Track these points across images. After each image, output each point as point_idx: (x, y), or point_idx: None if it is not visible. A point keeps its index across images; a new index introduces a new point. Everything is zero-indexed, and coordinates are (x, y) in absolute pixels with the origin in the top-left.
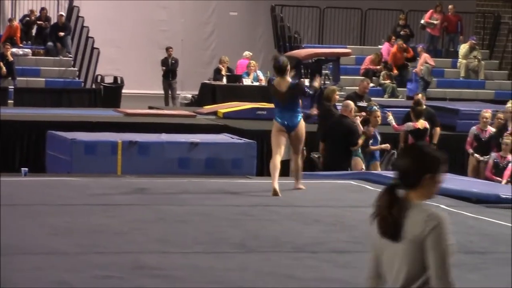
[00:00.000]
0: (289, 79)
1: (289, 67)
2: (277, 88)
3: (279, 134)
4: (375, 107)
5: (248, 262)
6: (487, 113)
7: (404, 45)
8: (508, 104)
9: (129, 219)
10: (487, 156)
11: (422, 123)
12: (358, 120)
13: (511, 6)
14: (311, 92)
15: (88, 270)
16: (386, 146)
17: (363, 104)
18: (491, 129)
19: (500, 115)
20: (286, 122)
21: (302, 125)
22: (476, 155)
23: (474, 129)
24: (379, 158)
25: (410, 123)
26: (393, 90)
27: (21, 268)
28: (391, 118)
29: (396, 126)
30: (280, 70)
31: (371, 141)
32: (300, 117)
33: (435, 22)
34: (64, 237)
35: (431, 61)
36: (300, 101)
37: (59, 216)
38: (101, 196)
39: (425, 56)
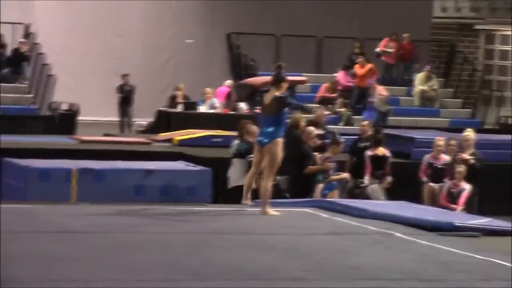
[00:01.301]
0: (277, 93)
1: (284, 84)
2: (263, 100)
3: (256, 151)
4: (341, 138)
5: None
6: (440, 141)
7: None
8: (466, 132)
9: (84, 247)
10: (440, 184)
11: (381, 150)
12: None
13: (466, 35)
14: (294, 102)
15: None
16: (346, 176)
17: (319, 131)
18: (445, 157)
19: (453, 142)
20: (260, 138)
21: (275, 144)
22: (430, 183)
23: (427, 157)
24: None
25: (367, 150)
26: (349, 118)
27: None
28: None
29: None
30: (274, 82)
31: (330, 171)
32: (277, 135)
33: (390, 50)
34: (17, 264)
35: (384, 92)
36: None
37: (11, 243)
38: (55, 223)
39: (377, 88)
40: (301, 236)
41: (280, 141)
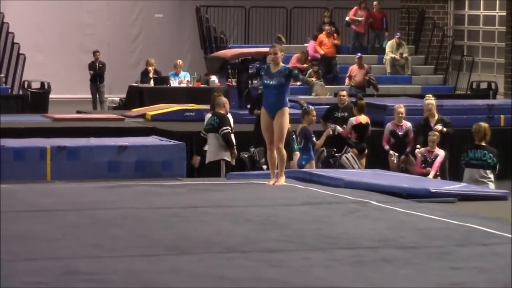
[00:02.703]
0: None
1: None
2: (268, 72)
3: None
4: (311, 106)
5: (180, 264)
6: (401, 108)
7: (333, 30)
8: (427, 100)
9: (60, 225)
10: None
11: (363, 118)
12: None
13: (435, 1)
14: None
15: (19, 277)
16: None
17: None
18: (407, 124)
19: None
20: (268, 109)
21: (283, 113)
22: (391, 152)
23: (389, 126)
24: (313, 156)
25: (352, 118)
26: (321, 87)
27: None
28: (338, 128)
29: (344, 131)
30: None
31: (313, 139)
32: (284, 105)
33: (359, 19)
34: None
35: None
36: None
37: None
38: (31, 202)
39: None
40: (277, 207)
41: (287, 109)
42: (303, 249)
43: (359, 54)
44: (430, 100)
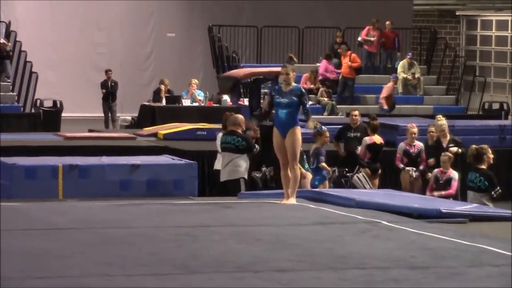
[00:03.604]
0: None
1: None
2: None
3: (277, 142)
4: (323, 127)
5: (191, 283)
6: (414, 128)
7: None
8: (439, 122)
9: (71, 243)
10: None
11: (378, 138)
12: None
13: (447, 22)
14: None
15: None
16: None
17: None
18: (419, 144)
19: (432, 129)
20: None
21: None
22: (407, 168)
23: (402, 145)
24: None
25: (366, 138)
26: (333, 107)
27: None
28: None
29: (360, 152)
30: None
31: (321, 159)
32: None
33: (372, 39)
34: (5, 262)
35: None
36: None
37: None
38: (42, 220)
39: None
40: (288, 226)
41: (299, 128)
42: (314, 269)
43: (395, 75)
44: (442, 120)
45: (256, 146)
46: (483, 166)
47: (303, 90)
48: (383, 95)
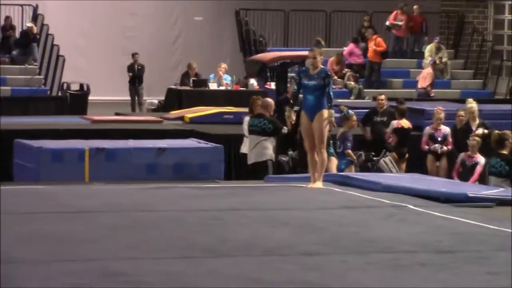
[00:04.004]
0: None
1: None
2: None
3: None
4: (350, 111)
5: (218, 267)
6: (440, 113)
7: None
8: (469, 104)
9: (98, 226)
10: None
11: (406, 122)
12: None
13: (475, 6)
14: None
15: (57, 278)
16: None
17: None
18: (445, 128)
19: (461, 113)
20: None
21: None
22: (434, 145)
23: (428, 129)
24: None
25: (394, 122)
26: (360, 91)
27: None
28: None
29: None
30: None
31: (348, 144)
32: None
33: (400, 23)
34: (32, 246)
35: None
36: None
37: (26, 224)
38: (69, 204)
39: None
40: (315, 210)
41: (326, 111)
42: (340, 252)
43: (432, 59)
44: (473, 104)
45: (284, 127)
46: (505, 152)
47: (329, 73)
48: (429, 82)
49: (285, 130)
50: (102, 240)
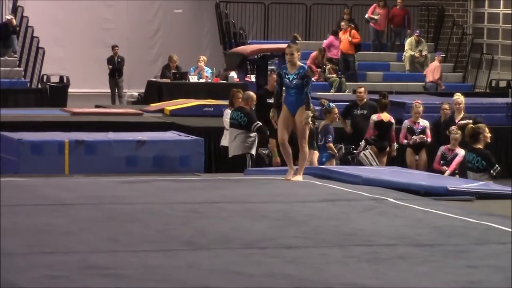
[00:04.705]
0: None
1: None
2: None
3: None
4: (331, 104)
5: (197, 260)
6: (419, 107)
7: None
8: (456, 96)
9: (77, 219)
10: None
11: (386, 116)
12: None
13: None
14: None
15: (36, 270)
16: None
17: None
18: (424, 121)
19: (445, 106)
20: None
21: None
22: (413, 137)
23: (406, 122)
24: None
25: (374, 116)
26: (340, 84)
27: None
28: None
29: (368, 132)
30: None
31: (329, 138)
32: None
33: (376, 17)
34: (11, 238)
35: None
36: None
37: (5, 217)
38: (48, 196)
39: None
40: (295, 203)
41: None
42: (320, 245)
43: (439, 52)
44: (461, 97)
45: (257, 123)
46: (480, 146)
47: (308, 73)
48: (438, 76)
49: (257, 124)
50: (81, 233)
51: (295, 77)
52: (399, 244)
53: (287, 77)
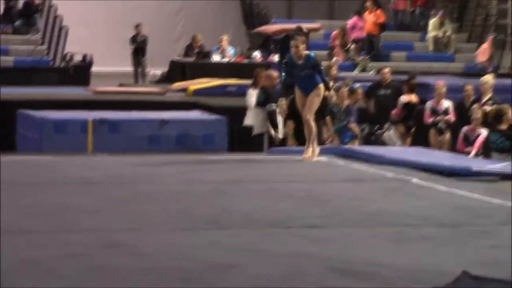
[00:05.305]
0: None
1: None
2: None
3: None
4: (356, 84)
5: (220, 238)
6: (441, 86)
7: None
8: (487, 76)
9: (100, 197)
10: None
11: (414, 97)
12: None
13: None
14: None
15: (59, 248)
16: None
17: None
18: (447, 102)
19: (468, 87)
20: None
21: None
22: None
23: (429, 103)
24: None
25: (403, 96)
26: (365, 65)
27: None
28: None
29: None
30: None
31: (352, 118)
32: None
33: None
34: (35, 216)
35: None
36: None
37: (29, 195)
38: (71, 175)
39: None
40: (318, 183)
41: (321, 86)
42: (344, 225)
43: (489, 35)
44: (490, 77)
45: (271, 105)
46: (504, 127)
47: (316, 61)
48: (486, 58)
49: (272, 107)
50: (104, 211)
51: (304, 67)
52: (423, 224)
53: (295, 68)
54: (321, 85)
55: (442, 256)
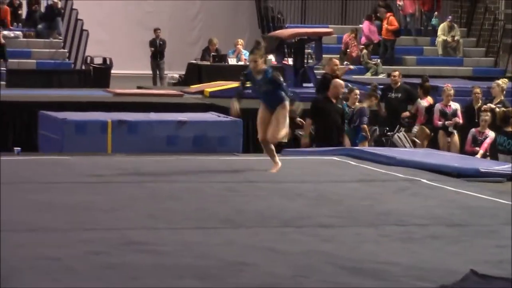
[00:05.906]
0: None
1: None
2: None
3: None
4: (349, 85)
5: (234, 237)
6: (449, 89)
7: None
8: (501, 81)
9: (119, 197)
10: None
11: (431, 99)
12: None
13: None
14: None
15: (78, 246)
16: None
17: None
18: (455, 104)
19: (477, 90)
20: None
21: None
22: (446, 122)
23: (438, 106)
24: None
25: (423, 101)
26: (376, 69)
27: (11, 244)
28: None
29: (419, 119)
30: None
31: (364, 120)
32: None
33: (400, 3)
34: (54, 214)
35: None
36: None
37: (49, 194)
38: (91, 174)
39: None
40: (330, 183)
41: (287, 104)
42: (354, 224)
43: None
44: (499, 81)
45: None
46: (510, 129)
47: (274, 76)
48: None
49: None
50: (122, 210)
51: (262, 82)
52: (431, 224)
53: (255, 83)
54: (287, 103)
55: (450, 255)
